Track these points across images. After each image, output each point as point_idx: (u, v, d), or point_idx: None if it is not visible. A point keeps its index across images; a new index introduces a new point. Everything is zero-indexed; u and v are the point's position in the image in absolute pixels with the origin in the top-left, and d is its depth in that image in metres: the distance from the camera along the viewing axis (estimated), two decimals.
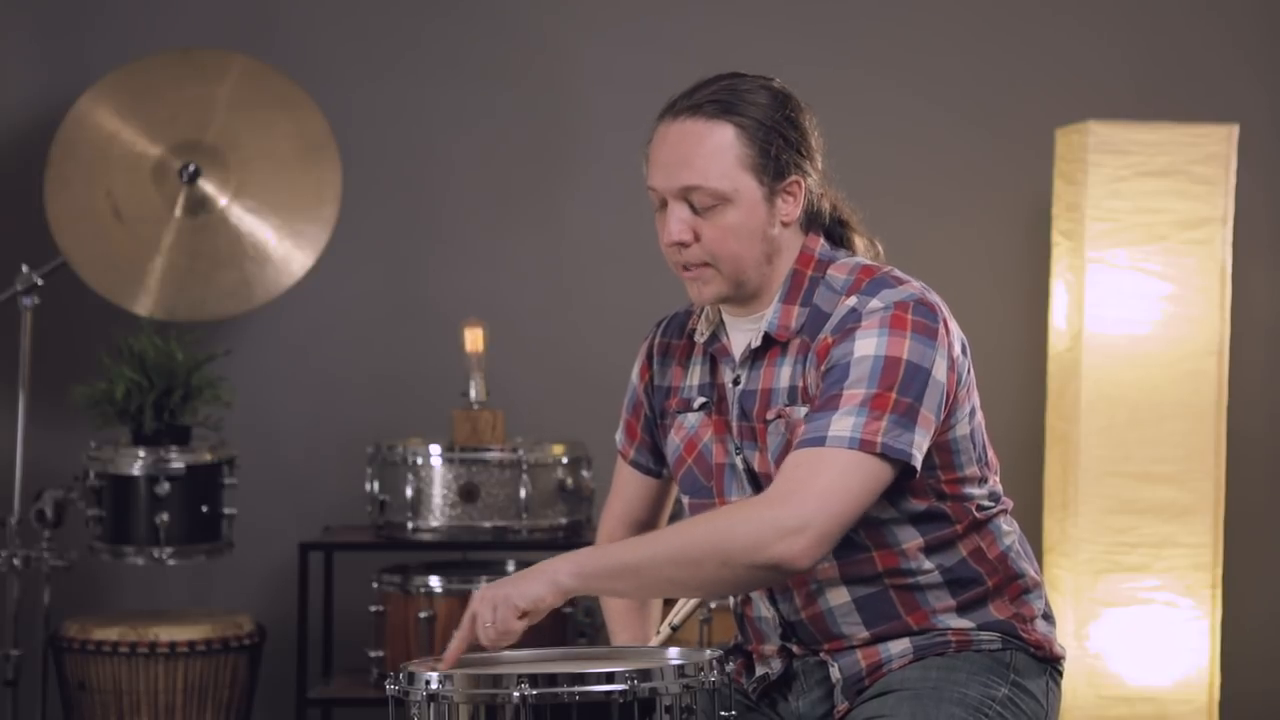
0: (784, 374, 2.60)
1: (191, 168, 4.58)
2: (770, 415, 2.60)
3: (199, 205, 4.60)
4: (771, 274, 2.63)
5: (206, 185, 4.59)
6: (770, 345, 2.63)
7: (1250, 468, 4.99)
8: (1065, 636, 4.43)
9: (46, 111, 4.83)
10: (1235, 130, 4.66)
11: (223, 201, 4.60)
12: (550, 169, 5.04)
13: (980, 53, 5.06)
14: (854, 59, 4.96)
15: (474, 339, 4.58)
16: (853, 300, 2.56)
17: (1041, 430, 4.81)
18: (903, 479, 2.51)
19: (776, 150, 2.58)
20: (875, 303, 2.54)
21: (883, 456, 2.46)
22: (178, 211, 4.59)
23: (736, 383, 2.65)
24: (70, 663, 4.44)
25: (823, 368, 2.53)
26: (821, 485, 2.44)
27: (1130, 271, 4.62)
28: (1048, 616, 2.70)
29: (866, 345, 2.50)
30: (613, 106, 5.00)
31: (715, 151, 2.58)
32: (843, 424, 2.46)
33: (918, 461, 2.49)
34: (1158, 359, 4.62)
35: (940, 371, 2.51)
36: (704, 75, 2.70)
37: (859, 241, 2.71)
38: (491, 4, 5.02)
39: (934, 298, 2.57)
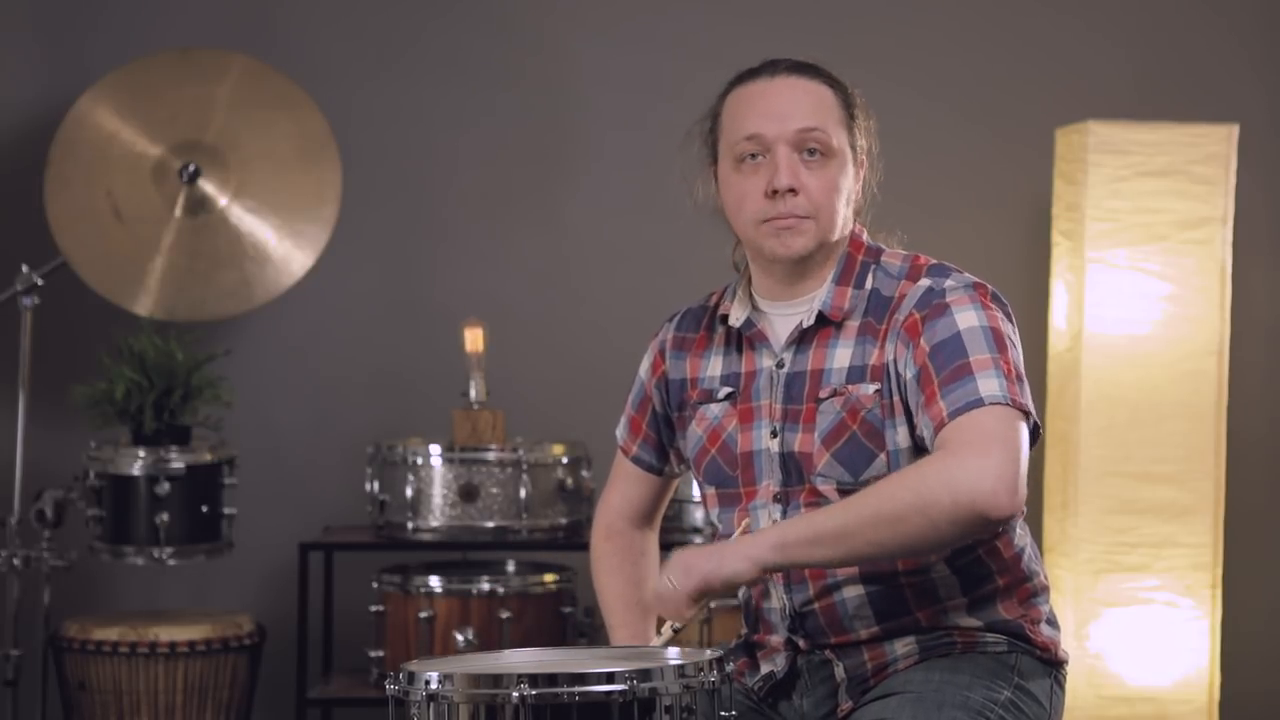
0: (839, 354, 2.63)
1: (191, 168, 4.58)
2: (824, 394, 2.61)
3: (199, 205, 4.60)
4: (830, 250, 2.67)
5: (206, 185, 4.59)
6: (821, 326, 2.65)
7: (1250, 468, 4.99)
8: (1065, 636, 4.43)
9: (46, 111, 4.83)
10: (1235, 130, 4.66)
11: (223, 201, 4.60)
12: (550, 169, 5.04)
13: (980, 53, 5.06)
14: (854, 59, 4.89)
15: (474, 339, 4.58)
16: (925, 281, 2.62)
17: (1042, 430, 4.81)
18: None
19: (858, 121, 2.69)
20: (951, 282, 2.61)
21: (1025, 415, 2.51)
22: (178, 211, 4.60)
23: (781, 365, 2.66)
24: (70, 663, 4.44)
25: (924, 345, 2.55)
26: (997, 435, 2.46)
27: (1130, 271, 4.62)
28: (1052, 621, 2.71)
29: (968, 318, 2.56)
30: (613, 106, 5.01)
31: (823, 104, 2.66)
32: (989, 385, 2.50)
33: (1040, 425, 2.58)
34: (1158, 359, 4.62)
35: (1021, 349, 2.60)
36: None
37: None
38: (491, 4, 5.02)
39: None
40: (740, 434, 2.69)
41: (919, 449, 2.58)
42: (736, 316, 2.72)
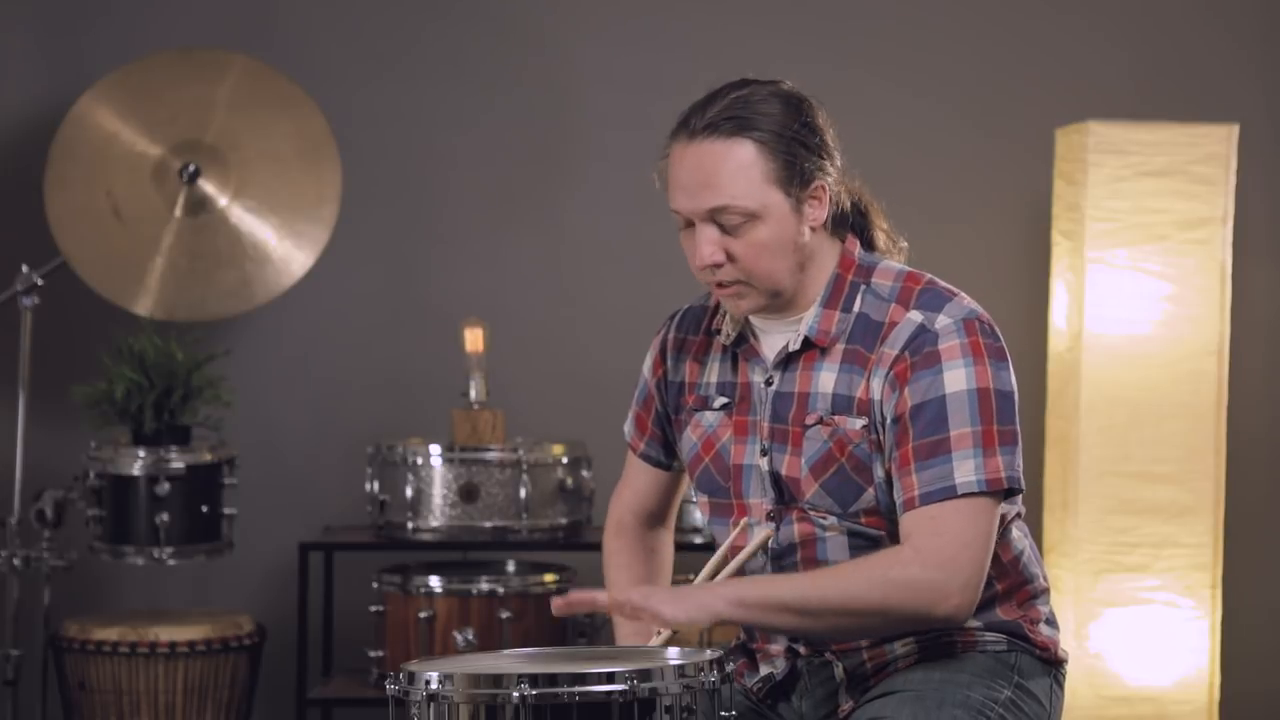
0: (825, 379, 2.60)
1: (191, 168, 4.57)
2: (810, 421, 2.60)
3: (199, 205, 4.60)
4: (805, 280, 2.63)
5: (206, 185, 4.59)
6: (808, 348, 2.63)
7: (1250, 468, 4.98)
8: (1065, 636, 4.43)
9: (46, 111, 4.82)
10: (1235, 130, 4.65)
11: (223, 201, 4.60)
12: (550, 169, 5.04)
13: (980, 53, 5.06)
14: (854, 59, 4.96)
15: (474, 339, 4.58)
16: (917, 316, 2.57)
17: (1041, 430, 4.80)
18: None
19: (799, 159, 2.57)
20: (944, 320, 2.55)
21: (1004, 490, 2.51)
22: (178, 211, 4.59)
23: (769, 383, 2.65)
24: (70, 663, 4.44)
25: (907, 397, 2.53)
26: (969, 539, 2.49)
27: (1130, 271, 4.62)
28: (1051, 622, 2.71)
29: (955, 379, 2.52)
30: (613, 106, 5.00)
31: (738, 170, 2.55)
32: (965, 468, 2.49)
33: (1023, 484, 2.57)
34: (1158, 359, 4.62)
35: (1014, 388, 2.57)
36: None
37: (880, 236, 2.73)
38: (491, 4, 5.02)
39: (983, 311, 2.61)
40: (734, 445, 2.68)
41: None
42: (728, 334, 2.71)
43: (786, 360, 2.64)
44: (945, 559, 2.47)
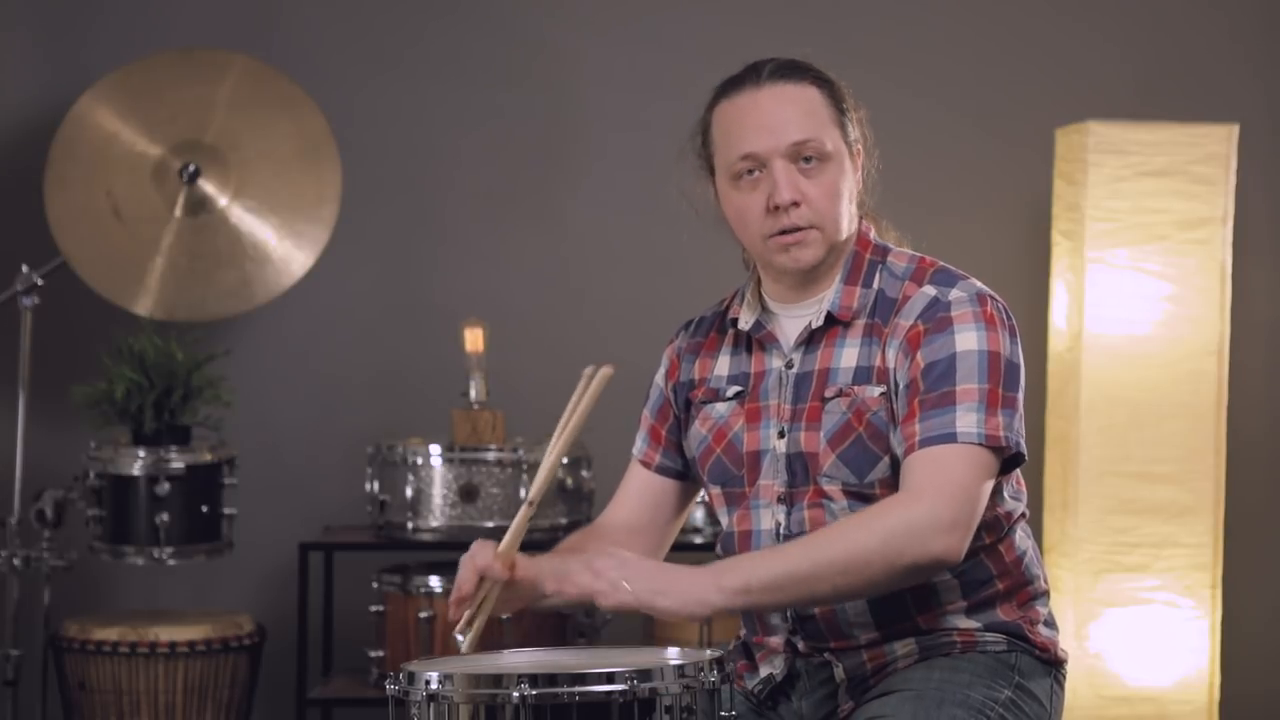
0: (846, 354, 2.62)
1: (191, 168, 4.58)
2: (830, 394, 2.61)
3: (199, 205, 4.60)
4: (839, 249, 2.66)
5: (206, 185, 4.59)
6: (829, 326, 2.65)
7: (1250, 468, 4.98)
8: (1065, 636, 4.43)
9: (46, 111, 4.83)
10: (1235, 130, 4.66)
11: (223, 201, 4.60)
12: (551, 169, 5.04)
13: (980, 53, 5.06)
14: (854, 59, 4.89)
15: (474, 339, 4.58)
16: (930, 290, 2.61)
17: (1041, 430, 4.80)
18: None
19: (848, 115, 2.67)
20: (958, 293, 2.60)
21: (1002, 449, 2.52)
22: (178, 211, 4.59)
23: (790, 366, 2.66)
24: (70, 663, 4.45)
25: (920, 359, 2.56)
26: (961, 480, 2.49)
27: (1130, 271, 4.62)
28: (1050, 623, 2.71)
29: (967, 340, 2.55)
30: (613, 106, 5.01)
31: (813, 109, 2.63)
32: (966, 420, 2.51)
33: (1026, 450, 2.57)
34: (1158, 359, 4.62)
35: (1022, 364, 2.60)
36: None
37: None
38: (491, 4, 5.02)
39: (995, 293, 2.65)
40: (746, 433, 2.69)
41: None
42: (746, 320, 2.72)
43: (809, 339, 2.65)
44: (942, 495, 2.48)
